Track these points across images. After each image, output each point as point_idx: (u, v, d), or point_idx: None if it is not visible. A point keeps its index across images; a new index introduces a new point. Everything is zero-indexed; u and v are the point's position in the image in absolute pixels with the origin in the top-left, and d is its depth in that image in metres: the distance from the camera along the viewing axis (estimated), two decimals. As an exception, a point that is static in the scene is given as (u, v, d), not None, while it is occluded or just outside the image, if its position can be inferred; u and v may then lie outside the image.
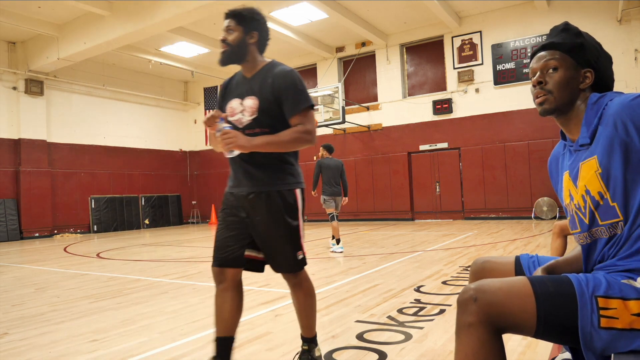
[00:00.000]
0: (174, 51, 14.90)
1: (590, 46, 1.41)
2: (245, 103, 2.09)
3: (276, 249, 2.14)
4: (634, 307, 1.11)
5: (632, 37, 11.17)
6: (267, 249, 2.15)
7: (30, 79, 13.59)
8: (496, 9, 12.80)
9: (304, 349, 2.32)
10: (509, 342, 2.58)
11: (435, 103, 13.66)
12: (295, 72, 2.11)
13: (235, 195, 2.15)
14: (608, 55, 1.44)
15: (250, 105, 2.07)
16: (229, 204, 2.18)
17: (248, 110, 2.08)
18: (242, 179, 2.13)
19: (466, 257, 5.94)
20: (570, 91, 1.39)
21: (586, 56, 1.40)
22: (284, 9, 11.90)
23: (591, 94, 1.39)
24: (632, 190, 1.20)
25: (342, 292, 4.19)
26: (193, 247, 9.11)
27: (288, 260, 2.16)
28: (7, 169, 13.36)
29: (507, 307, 1.16)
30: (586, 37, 1.42)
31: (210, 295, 4.31)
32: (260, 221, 2.10)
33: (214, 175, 18.42)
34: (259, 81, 2.10)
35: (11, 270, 6.73)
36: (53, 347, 2.92)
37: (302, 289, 2.23)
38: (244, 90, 2.12)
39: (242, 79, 2.18)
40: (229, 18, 2.11)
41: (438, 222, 13.03)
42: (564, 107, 1.40)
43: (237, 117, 2.11)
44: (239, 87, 2.16)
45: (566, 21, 1.45)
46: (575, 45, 1.39)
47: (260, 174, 2.09)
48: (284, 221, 2.11)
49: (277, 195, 2.10)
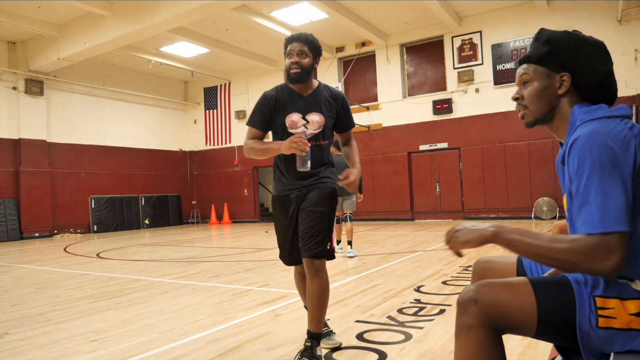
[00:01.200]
0: (174, 51, 14.90)
1: (563, 49, 1.35)
2: (310, 118, 2.47)
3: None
4: (632, 307, 1.11)
5: (632, 37, 11.17)
6: None
7: (30, 79, 13.59)
8: (496, 9, 12.80)
9: (307, 346, 2.36)
10: (509, 342, 2.58)
11: (435, 103, 13.66)
12: (345, 96, 2.57)
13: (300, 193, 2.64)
14: (598, 51, 1.34)
15: (317, 121, 2.47)
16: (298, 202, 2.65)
17: (314, 125, 2.47)
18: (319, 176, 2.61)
19: (466, 257, 5.93)
20: (546, 101, 1.38)
21: (559, 60, 1.35)
22: (284, 9, 11.89)
23: (574, 100, 1.35)
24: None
25: (342, 292, 4.19)
26: (193, 247, 9.11)
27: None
28: (7, 169, 13.36)
29: (507, 308, 1.16)
30: (560, 39, 1.35)
31: (209, 295, 4.32)
32: None
33: (213, 175, 18.42)
34: (317, 100, 2.48)
35: (11, 270, 6.73)
36: (53, 347, 2.92)
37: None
38: (304, 107, 2.47)
39: (295, 95, 2.49)
40: (303, 43, 2.42)
41: (438, 222, 13.03)
42: (543, 117, 1.40)
43: (300, 129, 2.46)
44: (296, 103, 2.48)
45: (541, 28, 1.42)
46: (542, 54, 1.37)
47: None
48: None
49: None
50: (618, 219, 1.11)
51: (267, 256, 7.14)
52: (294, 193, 2.50)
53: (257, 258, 6.97)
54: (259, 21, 12.10)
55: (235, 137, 17.79)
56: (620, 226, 1.10)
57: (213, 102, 18.23)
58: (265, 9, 11.87)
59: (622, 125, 1.19)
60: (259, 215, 17.52)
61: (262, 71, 16.87)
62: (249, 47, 14.94)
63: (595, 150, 1.15)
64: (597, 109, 1.27)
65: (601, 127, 1.19)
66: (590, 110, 1.28)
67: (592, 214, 1.13)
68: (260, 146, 2.45)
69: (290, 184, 2.51)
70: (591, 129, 1.19)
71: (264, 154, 2.44)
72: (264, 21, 12.23)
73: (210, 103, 18.29)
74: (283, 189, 2.54)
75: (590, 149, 1.16)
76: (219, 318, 3.45)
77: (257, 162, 17.15)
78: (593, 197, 1.14)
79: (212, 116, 18.36)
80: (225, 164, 18.09)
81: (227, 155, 18.01)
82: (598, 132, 1.17)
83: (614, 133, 1.17)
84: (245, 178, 17.54)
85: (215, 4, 9.98)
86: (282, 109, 2.47)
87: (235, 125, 17.79)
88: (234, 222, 17.68)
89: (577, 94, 1.36)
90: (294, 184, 2.50)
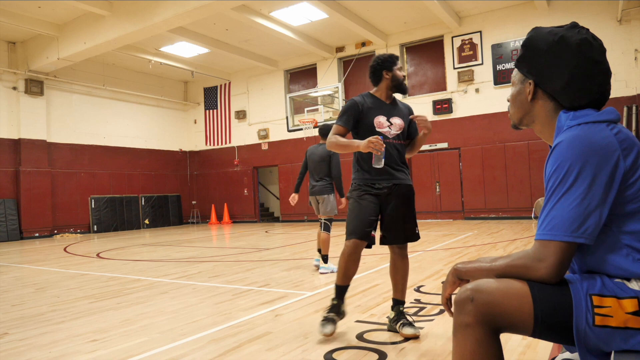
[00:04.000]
0: (174, 51, 14.90)
1: (531, 54, 1.32)
2: (394, 121, 2.98)
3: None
4: (628, 305, 1.11)
5: (632, 37, 11.17)
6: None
7: (30, 79, 13.60)
8: (496, 9, 12.80)
9: (400, 310, 2.93)
10: (508, 342, 2.58)
11: (435, 103, 13.66)
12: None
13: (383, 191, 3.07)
14: (567, 54, 1.25)
15: (399, 124, 2.98)
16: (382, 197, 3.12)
17: (396, 127, 2.97)
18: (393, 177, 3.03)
19: (466, 257, 5.94)
20: (519, 106, 1.40)
21: (527, 67, 1.35)
22: (284, 9, 11.90)
23: (550, 106, 1.32)
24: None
25: (342, 292, 4.18)
26: (193, 247, 9.11)
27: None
28: (7, 169, 13.36)
29: (504, 307, 1.17)
30: (535, 42, 1.31)
31: (209, 295, 4.32)
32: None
33: (213, 175, 18.42)
34: (397, 108, 3.04)
35: (11, 270, 6.73)
36: (53, 347, 2.92)
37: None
38: (388, 111, 2.99)
39: (379, 102, 3.01)
40: (398, 61, 3.02)
41: (438, 222, 13.04)
42: (520, 121, 1.42)
43: (385, 130, 2.94)
44: (382, 108, 2.98)
45: (534, 27, 1.37)
46: (517, 59, 1.38)
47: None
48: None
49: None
50: (564, 228, 1.13)
51: (267, 256, 7.14)
52: (380, 184, 2.92)
53: (257, 258, 6.97)
54: (259, 21, 12.10)
55: (235, 137, 17.80)
56: (564, 237, 1.13)
57: (213, 102, 18.23)
58: (265, 9, 11.87)
59: (606, 131, 1.17)
60: (259, 215, 17.52)
61: (262, 71, 16.87)
62: (249, 47, 14.94)
63: (571, 157, 1.15)
64: (583, 114, 1.23)
65: (584, 134, 1.17)
66: (576, 115, 1.24)
67: (543, 220, 1.18)
68: (343, 142, 2.88)
69: (376, 178, 2.93)
70: (573, 136, 1.18)
71: (345, 149, 2.88)
72: (264, 21, 12.23)
73: (210, 103, 18.30)
74: (370, 178, 2.95)
75: (567, 156, 1.16)
76: (219, 318, 3.45)
77: (257, 162, 17.17)
78: (551, 204, 1.17)
79: (212, 116, 18.38)
80: (225, 164, 18.09)
81: (227, 155, 18.01)
82: (579, 139, 1.16)
83: (595, 140, 1.15)
84: (245, 178, 17.55)
85: (215, 4, 9.98)
86: (369, 112, 2.95)
87: (235, 125, 17.80)
88: (234, 222, 17.68)
89: (551, 100, 1.32)
90: (381, 177, 2.93)
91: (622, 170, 1.14)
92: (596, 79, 1.25)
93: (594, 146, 1.14)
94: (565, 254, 1.14)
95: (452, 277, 1.38)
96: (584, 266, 1.26)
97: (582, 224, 1.13)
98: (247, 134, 17.48)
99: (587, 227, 1.13)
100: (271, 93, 16.87)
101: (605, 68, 1.27)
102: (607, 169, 1.13)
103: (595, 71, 1.25)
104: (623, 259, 1.17)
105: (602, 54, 1.27)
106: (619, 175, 1.14)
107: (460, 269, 1.35)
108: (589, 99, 1.26)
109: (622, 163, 1.14)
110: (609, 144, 1.15)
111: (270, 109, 16.85)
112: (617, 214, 1.17)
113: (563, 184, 1.15)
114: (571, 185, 1.14)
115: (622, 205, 1.16)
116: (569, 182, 1.14)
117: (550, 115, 1.33)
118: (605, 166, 1.13)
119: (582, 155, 1.14)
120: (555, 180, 1.17)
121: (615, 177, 1.14)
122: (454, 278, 1.37)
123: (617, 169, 1.14)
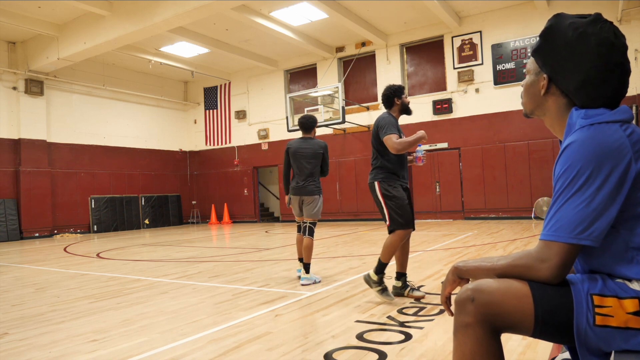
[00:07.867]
0: (174, 51, 14.89)
1: (549, 46, 1.27)
2: (403, 136, 3.87)
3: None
4: (629, 305, 1.11)
5: (632, 37, 11.17)
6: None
7: (30, 79, 13.59)
8: (496, 9, 12.80)
9: (406, 279, 3.94)
10: (508, 342, 2.58)
11: (435, 103, 13.66)
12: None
13: (406, 187, 3.94)
14: (585, 51, 1.20)
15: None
16: (407, 192, 3.92)
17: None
18: (407, 177, 3.99)
19: (466, 257, 5.94)
20: (531, 97, 1.37)
21: (542, 59, 1.30)
22: (284, 9, 11.90)
23: (562, 102, 1.29)
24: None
25: (342, 292, 4.19)
26: (193, 247, 9.11)
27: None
28: (7, 169, 13.36)
29: (504, 307, 1.16)
30: (555, 33, 1.25)
31: (209, 295, 4.32)
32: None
33: (213, 175, 18.42)
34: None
35: (11, 270, 6.73)
36: (53, 347, 2.92)
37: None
38: (399, 129, 3.91)
39: (397, 120, 3.93)
40: (405, 90, 4.02)
41: (438, 222, 13.03)
42: (533, 112, 1.40)
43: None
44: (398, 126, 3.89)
45: (556, 14, 1.29)
46: (534, 48, 1.34)
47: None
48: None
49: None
50: (569, 230, 1.12)
51: (267, 256, 7.14)
52: (405, 182, 3.91)
53: (257, 258, 6.97)
54: (259, 21, 12.10)
55: (235, 137, 17.80)
56: (569, 238, 1.12)
57: (213, 102, 18.24)
58: (265, 9, 11.87)
59: (619, 133, 1.15)
60: (259, 215, 17.52)
61: (262, 71, 16.87)
62: (249, 47, 14.94)
63: (582, 159, 1.14)
64: (595, 114, 1.19)
65: (596, 135, 1.15)
66: (589, 114, 1.20)
67: (549, 221, 1.17)
68: (410, 139, 3.67)
69: (401, 178, 3.89)
70: (585, 137, 1.16)
71: (413, 144, 3.67)
72: (264, 21, 12.23)
73: (210, 103, 18.30)
74: (398, 177, 3.86)
75: (578, 158, 1.14)
76: (219, 318, 3.45)
77: (257, 162, 17.17)
78: (558, 205, 1.16)
79: (212, 116, 18.38)
80: (225, 164, 18.09)
81: (227, 155, 18.01)
82: (591, 140, 1.14)
83: (607, 142, 1.13)
84: (245, 178, 17.55)
85: (215, 4, 9.98)
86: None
87: (235, 125, 17.80)
88: (233, 222, 17.68)
89: (564, 97, 1.29)
90: (405, 178, 3.93)
91: (633, 174, 1.13)
92: (612, 83, 1.21)
93: (606, 149, 1.13)
94: (568, 255, 1.14)
95: (452, 276, 1.37)
96: (588, 266, 1.26)
97: (589, 227, 1.12)
98: (247, 134, 17.48)
99: (593, 230, 1.12)
100: (271, 93, 16.87)
101: (624, 69, 1.22)
102: (617, 172, 1.12)
103: (613, 75, 1.21)
104: (628, 261, 1.17)
105: (623, 54, 1.22)
106: (629, 179, 1.13)
107: (460, 268, 1.35)
108: (601, 102, 1.22)
109: (634, 166, 1.13)
110: (621, 146, 1.13)
111: (270, 109, 16.86)
112: (625, 217, 1.16)
113: (572, 185, 1.14)
114: (580, 187, 1.13)
115: (630, 208, 1.15)
116: (578, 184, 1.13)
117: (562, 111, 1.31)
118: (616, 169, 1.12)
119: (594, 157, 1.13)
120: (564, 181, 1.16)
121: (625, 181, 1.13)
122: (454, 277, 1.37)
123: (628, 172, 1.13)
